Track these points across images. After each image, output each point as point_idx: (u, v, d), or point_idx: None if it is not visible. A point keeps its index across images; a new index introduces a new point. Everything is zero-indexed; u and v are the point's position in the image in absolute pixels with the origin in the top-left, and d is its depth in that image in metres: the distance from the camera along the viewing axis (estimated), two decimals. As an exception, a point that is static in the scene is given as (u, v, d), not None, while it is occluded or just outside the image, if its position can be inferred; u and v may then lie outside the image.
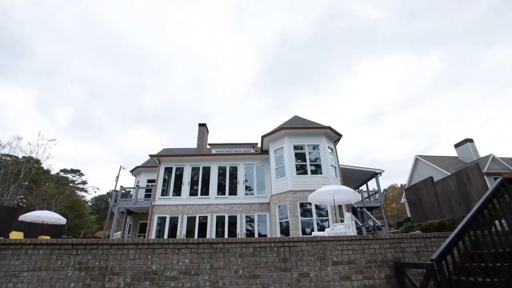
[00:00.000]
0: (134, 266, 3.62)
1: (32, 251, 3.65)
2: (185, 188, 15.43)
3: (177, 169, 16.09)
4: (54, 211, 19.35)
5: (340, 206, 12.66)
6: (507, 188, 3.84)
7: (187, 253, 3.71)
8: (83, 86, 78.08)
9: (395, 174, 68.88)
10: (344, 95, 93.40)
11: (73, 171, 50.38)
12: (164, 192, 15.51)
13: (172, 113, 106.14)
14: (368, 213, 15.77)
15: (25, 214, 11.28)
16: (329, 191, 8.33)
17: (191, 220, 14.46)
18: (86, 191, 53.27)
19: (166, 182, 15.95)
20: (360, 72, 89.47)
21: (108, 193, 63.53)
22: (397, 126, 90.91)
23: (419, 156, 29.92)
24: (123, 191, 16.27)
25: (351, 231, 6.49)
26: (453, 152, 30.21)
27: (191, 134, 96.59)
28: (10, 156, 47.56)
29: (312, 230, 11.60)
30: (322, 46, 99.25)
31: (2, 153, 41.65)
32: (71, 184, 50.28)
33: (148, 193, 17.15)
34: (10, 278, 3.50)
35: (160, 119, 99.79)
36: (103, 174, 76.88)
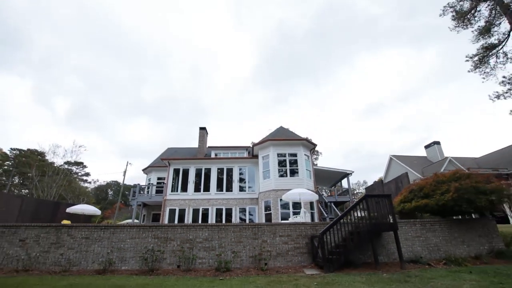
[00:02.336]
0: (181, 236, 7.39)
1: (129, 229, 7.39)
2: (191, 185, 19.14)
3: (183, 170, 19.75)
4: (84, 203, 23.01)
5: (312, 202, 16.51)
6: (368, 201, 7.62)
7: (207, 230, 7.50)
8: (81, 78, 79.80)
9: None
10: (343, 88, 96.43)
11: (77, 164, 53.74)
12: (174, 189, 19.21)
13: (172, 105, 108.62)
14: (334, 207, 19.78)
15: (71, 207, 14.93)
16: (296, 193, 12.11)
17: (195, 212, 18.25)
18: (89, 182, 57.01)
19: (174, 180, 19.63)
20: (360, 66, 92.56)
21: (107, 183, 67.10)
22: (395, 119, 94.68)
23: (393, 156, 33.93)
24: (140, 188, 19.96)
25: (304, 220, 10.31)
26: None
27: (191, 125, 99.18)
28: (19, 150, 51.27)
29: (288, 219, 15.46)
30: (321, 40, 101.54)
31: (12, 148, 45.34)
32: (75, 176, 53.82)
33: (159, 189, 20.85)
34: (122, 243, 7.24)
35: (159, 111, 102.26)
36: (102, 164, 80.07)
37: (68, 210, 14.86)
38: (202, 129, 23.99)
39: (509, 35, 12.35)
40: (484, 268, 6.83)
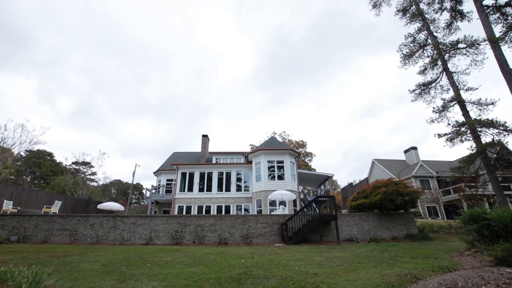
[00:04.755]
0: (195, 222, 11.21)
1: (161, 218, 11.22)
2: (196, 186, 22.96)
3: (189, 173, 23.56)
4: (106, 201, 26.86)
5: (295, 200, 20.32)
6: (317, 201, 11.40)
7: (212, 219, 11.33)
8: (84, 77, 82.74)
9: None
10: (342, 89, 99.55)
11: (84, 163, 57.69)
12: (181, 189, 23.03)
13: (173, 104, 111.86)
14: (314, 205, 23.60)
15: (101, 204, 18.66)
16: (278, 193, 15.93)
17: (200, 208, 22.08)
18: (96, 182, 60.94)
19: (182, 182, 23.44)
20: (359, 68, 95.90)
21: (111, 182, 70.96)
22: (393, 119, 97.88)
23: (375, 159, 37.80)
24: (153, 189, 23.79)
25: (282, 213, 14.15)
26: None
27: (192, 123, 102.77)
28: (30, 151, 55.64)
29: (275, 214, 19.28)
30: (320, 43, 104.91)
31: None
32: (82, 175, 57.77)
33: (168, 189, 24.65)
34: (157, 227, 11.07)
35: (161, 109, 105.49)
36: (103, 162, 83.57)
37: (99, 206, 18.58)
38: (204, 136, 27.81)
39: (442, 73, 16.17)
40: (390, 243, 10.68)
